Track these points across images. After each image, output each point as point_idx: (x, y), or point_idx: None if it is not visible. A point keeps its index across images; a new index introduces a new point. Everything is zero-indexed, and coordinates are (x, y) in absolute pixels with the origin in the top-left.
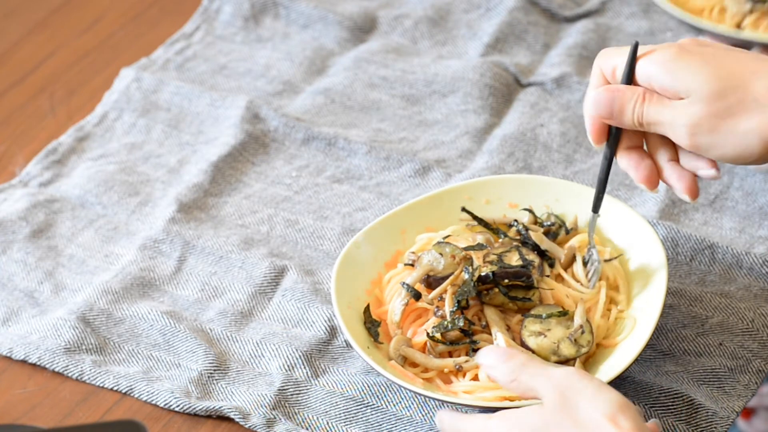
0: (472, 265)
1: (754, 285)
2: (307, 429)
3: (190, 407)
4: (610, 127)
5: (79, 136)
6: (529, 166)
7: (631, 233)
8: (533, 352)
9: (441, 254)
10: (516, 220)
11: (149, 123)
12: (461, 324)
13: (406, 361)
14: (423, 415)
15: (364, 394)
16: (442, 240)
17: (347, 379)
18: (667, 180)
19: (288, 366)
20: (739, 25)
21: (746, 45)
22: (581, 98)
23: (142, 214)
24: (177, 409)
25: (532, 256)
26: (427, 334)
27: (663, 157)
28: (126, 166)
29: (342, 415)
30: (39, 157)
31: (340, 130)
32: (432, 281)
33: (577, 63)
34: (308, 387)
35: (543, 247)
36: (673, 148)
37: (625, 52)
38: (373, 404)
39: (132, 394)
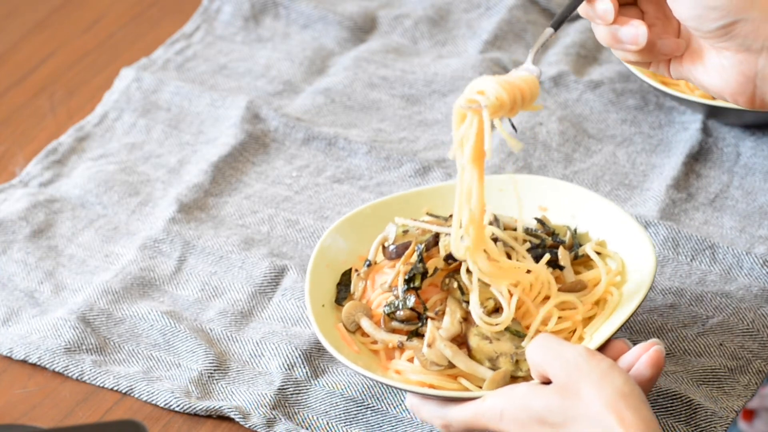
0: (435, 243)
1: (754, 285)
2: (307, 429)
3: (190, 407)
4: None
5: (79, 136)
6: (529, 165)
7: (622, 237)
8: (470, 349)
9: (405, 230)
10: (528, 229)
11: (149, 123)
12: (411, 304)
13: (359, 329)
14: None
15: (365, 395)
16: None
17: (347, 380)
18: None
19: (288, 365)
20: None
21: (720, 111)
22: (579, 97)
23: (142, 214)
24: (177, 409)
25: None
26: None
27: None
28: (126, 166)
29: (342, 415)
30: (39, 157)
31: (341, 130)
32: (389, 255)
33: (575, 62)
34: (308, 387)
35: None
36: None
37: None
38: (373, 405)
39: (132, 394)
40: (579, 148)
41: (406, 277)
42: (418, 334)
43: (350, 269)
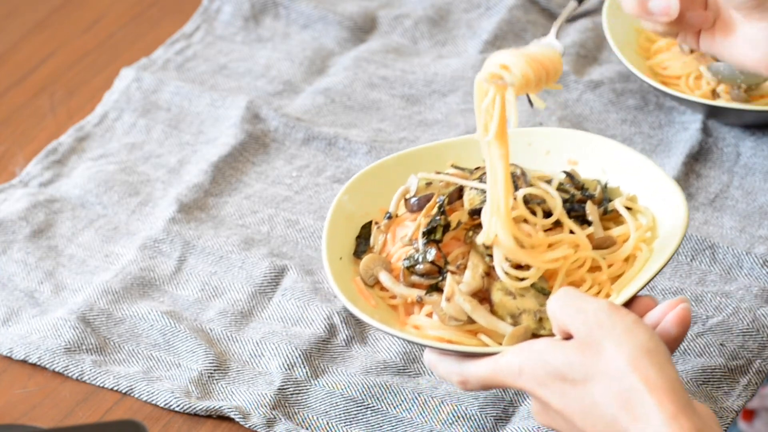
0: (458, 196)
1: (754, 285)
2: (307, 429)
3: (190, 407)
4: None
5: (79, 136)
6: None
7: (654, 192)
8: (492, 305)
9: (429, 182)
10: (550, 181)
11: (149, 123)
12: (431, 258)
13: (378, 283)
14: (424, 418)
15: (365, 395)
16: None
17: (347, 380)
18: None
19: (288, 365)
20: (714, 91)
21: (720, 111)
22: (578, 97)
23: (142, 214)
24: (177, 409)
25: (512, 168)
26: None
27: None
28: (126, 166)
29: (342, 415)
30: (39, 157)
31: (341, 130)
32: (411, 207)
33: (575, 62)
34: (308, 387)
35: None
36: None
37: None
38: (374, 406)
39: (132, 394)
40: None
41: (426, 230)
42: (438, 289)
43: (370, 222)
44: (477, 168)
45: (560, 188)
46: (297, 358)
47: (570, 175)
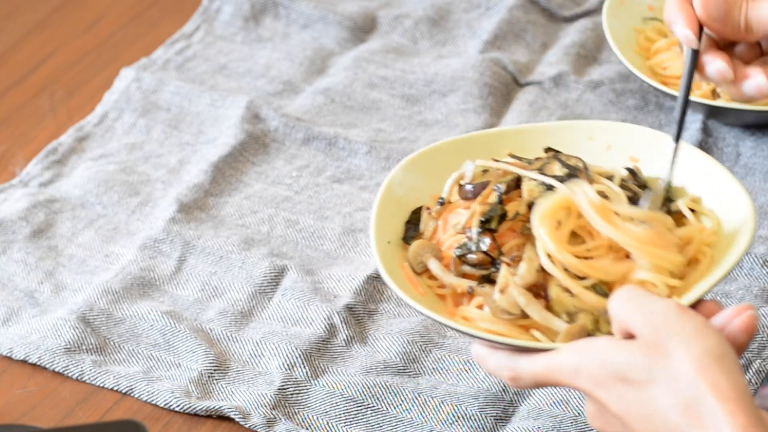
0: (515, 186)
1: (754, 285)
2: (307, 429)
3: (190, 407)
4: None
5: (79, 136)
6: None
7: (720, 194)
8: (548, 300)
9: (486, 170)
10: (611, 177)
11: (149, 123)
12: (485, 248)
13: (426, 271)
14: (424, 418)
15: (365, 395)
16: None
17: (347, 380)
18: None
19: (288, 365)
20: (714, 91)
21: (720, 111)
22: (578, 97)
23: (142, 214)
24: (177, 409)
25: (574, 161)
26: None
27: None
28: (126, 166)
29: (342, 415)
30: (39, 157)
31: (341, 130)
32: (465, 194)
33: (575, 62)
34: (308, 387)
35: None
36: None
37: None
38: (374, 406)
39: (132, 394)
40: None
41: (484, 219)
42: (490, 281)
43: (421, 207)
44: (537, 158)
45: (622, 185)
46: (297, 358)
47: (632, 172)
